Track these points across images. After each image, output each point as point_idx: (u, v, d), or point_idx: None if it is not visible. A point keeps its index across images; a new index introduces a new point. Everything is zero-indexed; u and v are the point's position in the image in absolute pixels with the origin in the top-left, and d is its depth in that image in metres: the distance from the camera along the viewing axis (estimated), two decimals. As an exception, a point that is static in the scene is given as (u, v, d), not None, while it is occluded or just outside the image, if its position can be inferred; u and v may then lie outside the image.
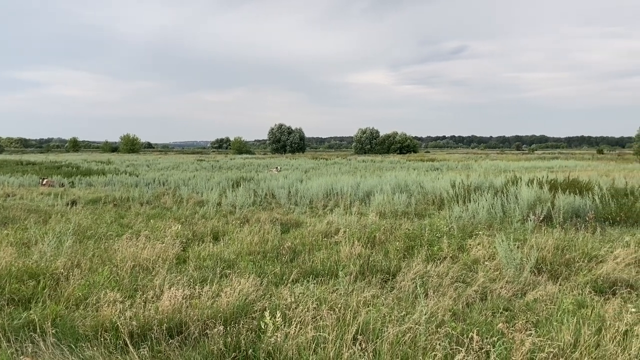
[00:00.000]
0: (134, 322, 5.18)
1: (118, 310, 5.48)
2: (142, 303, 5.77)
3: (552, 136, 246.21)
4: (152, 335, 4.99)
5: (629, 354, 4.21)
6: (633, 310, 5.28)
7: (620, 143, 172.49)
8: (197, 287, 6.38)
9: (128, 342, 4.76)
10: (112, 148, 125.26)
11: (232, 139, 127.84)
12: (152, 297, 6.04)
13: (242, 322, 5.19)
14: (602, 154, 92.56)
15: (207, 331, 5.07)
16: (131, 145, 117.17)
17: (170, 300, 5.61)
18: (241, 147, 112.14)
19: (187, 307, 5.58)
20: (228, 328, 5.06)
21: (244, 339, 4.82)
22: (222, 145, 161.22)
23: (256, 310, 5.58)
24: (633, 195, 13.60)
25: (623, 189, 14.51)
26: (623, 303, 5.76)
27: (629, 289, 6.52)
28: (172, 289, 5.99)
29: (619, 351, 4.26)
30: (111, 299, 5.83)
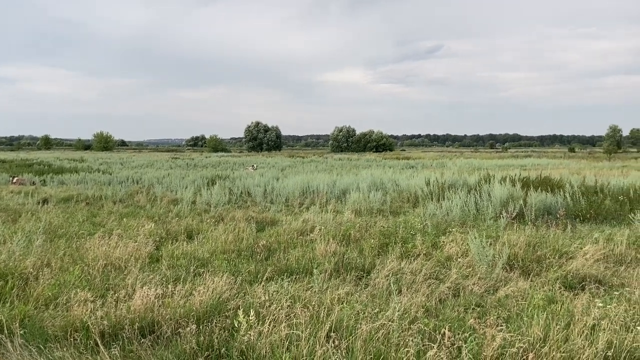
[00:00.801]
0: (105, 322, 5.12)
1: (89, 310, 5.41)
2: (114, 302, 5.70)
3: (526, 135, 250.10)
4: (124, 335, 4.93)
5: (596, 348, 4.30)
6: (600, 305, 5.39)
7: (591, 142, 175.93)
8: (170, 286, 6.32)
9: (99, 342, 4.69)
10: (85, 146, 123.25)
11: (207, 137, 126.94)
12: (124, 297, 5.97)
13: (215, 321, 5.16)
14: (574, 152, 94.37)
15: (180, 330, 5.02)
16: (105, 143, 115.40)
17: (142, 300, 5.55)
18: (217, 145, 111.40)
19: (159, 306, 5.52)
20: (201, 327, 5.03)
21: (216, 338, 4.79)
22: (197, 143, 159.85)
23: (230, 309, 5.55)
24: (602, 192, 13.89)
25: (593, 186, 14.81)
26: (591, 298, 5.87)
27: (597, 284, 6.66)
28: (144, 288, 5.92)
29: (586, 345, 4.34)
30: (82, 299, 5.75)
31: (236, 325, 4.90)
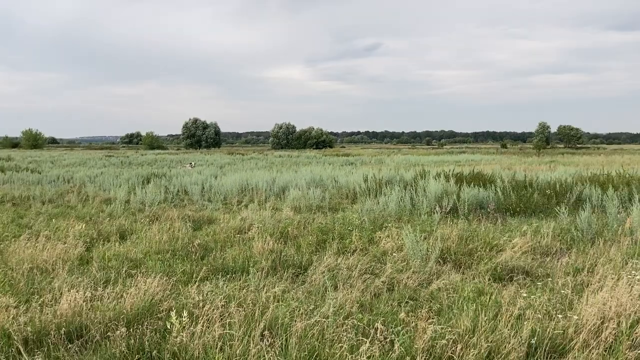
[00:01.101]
0: (29, 328, 4.88)
1: (11, 316, 5.14)
2: (39, 307, 5.44)
3: (460, 131, 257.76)
4: (50, 341, 4.72)
5: (521, 337, 4.48)
6: (525, 295, 5.63)
7: (521, 138, 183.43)
8: (100, 288, 6.12)
9: (22, 349, 4.48)
10: (13, 144, 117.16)
11: (144, 134, 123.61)
12: (50, 301, 5.72)
13: (146, 323, 5.03)
14: (506, 148, 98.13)
15: (109, 334, 4.86)
16: (34, 141, 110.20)
17: (69, 303, 5.33)
18: (153, 143, 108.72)
19: (88, 309, 5.33)
20: (131, 330, 4.88)
21: (148, 340, 4.68)
22: (133, 140, 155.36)
23: (162, 311, 5.42)
24: (531, 187, 14.49)
25: (523, 181, 15.42)
26: (518, 289, 6.11)
27: (524, 276, 6.93)
28: (72, 291, 5.69)
29: (512, 334, 4.52)
30: (3, 304, 5.46)
31: (168, 326, 4.80)
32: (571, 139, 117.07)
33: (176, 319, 4.73)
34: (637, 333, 4.58)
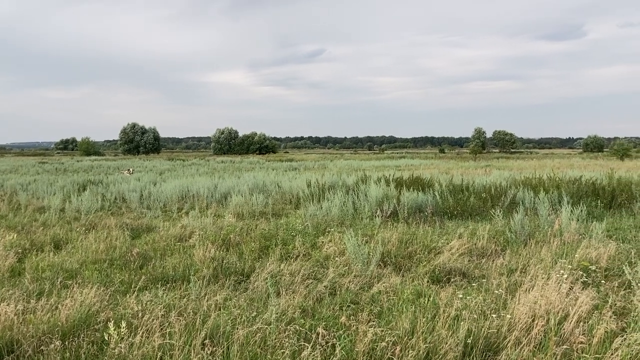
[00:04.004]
0: (-46, 346, 4.64)
1: None
2: (-35, 324, 5.17)
3: (400, 137, 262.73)
4: (-23, 359, 4.51)
5: (457, 337, 4.63)
6: (461, 296, 5.82)
7: (459, 143, 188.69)
8: (33, 300, 5.89)
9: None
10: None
11: (79, 139, 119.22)
12: (-22, 316, 5.45)
13: (83, 335, 4.88)
14: (444, 152, 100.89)
15: (43, 348, 4.68)
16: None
17: (-1, 318, 5.10)
18: (89, 148, 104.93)
19: (20, 323, 5.11)
20: (67, 342, 4.73)
21: (84, 353, 4.54)
22: (68, 146, 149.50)
23: (100, 322, 5.28)
24: (468, 190, 14.95)
25: (460, 185, 15.89)
26: (455, 290, 6.31)
27: (461, 277, 7.16)
28: (2, 304, 5.44)
29: (449, 335, 4.66)
30: None
31: (106, 338, 4.67)
32: (506, 143, 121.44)
33: (114, 329, 4.62)
34: (564, 329, 4.82)
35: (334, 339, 4.65)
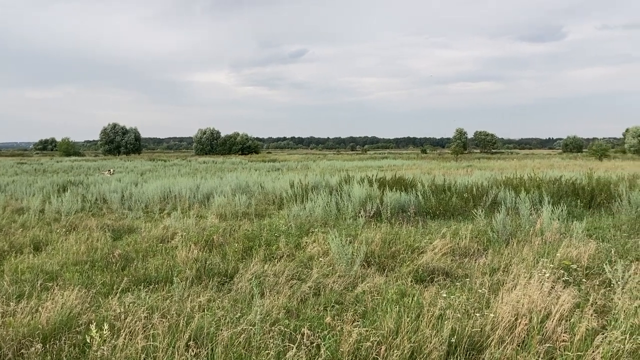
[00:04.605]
0: None
1: None
2: (-58, 328, 5.07)
3: (383, 137, 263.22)
4: (-45, 363, 4.42)
5: (441, 336, 4.65)
6: (445, 295, 5.85)
7: (440, 143, 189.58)
8: (12, 303, 5.78)
9: None
10: None
11: (59, 139, 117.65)
12: (-44, 320, 5.34)
13: (64, 338, 4.81)
14: (426, 153, 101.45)
15: (23, 351, 4.61)
16: None
17: (-23, 321, 5.01)
18: (69, 149, 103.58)
19: (-1, 326, 5.02)
20: (48, 346, 4.66)
21: (66, 356, 4.48)
22: (47, 146, 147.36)
23: (81, 324, 5.21)
24: (450, 190, 15.05)
25: (442, 185, 16.00)
26: (439, 290, 6.34)
27: (444, 277, 7.20)
28: (-20, 308, 5.35)
29: (433, 334, 4.69)
30: None
31: (88, 340, 4.61)
32: (487, 144, 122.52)
33: (96, 332, 4.56)
34: (547, 328, 4.87)
35: (319, 340, 4.65)
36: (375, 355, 4.41)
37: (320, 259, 8.06)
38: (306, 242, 9.19)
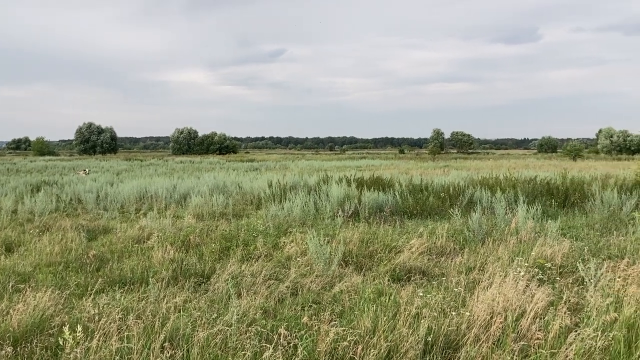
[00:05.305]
0: None
1: None
2: None
3: (361, 137, 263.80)
4: None
5: (418, 335, 4.67)
6: (421, 294, 5.89)
7: (418, 143, 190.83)
8: (-18, 306, 5.66)
9: None
10: None
11: (32, 138, 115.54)
12: None
13: (36, 341, 4.72)
14: (403, 153, 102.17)
15: (-7, 355, 4.51)
16: None
17: (-55, 325, 4.89)
18: (43, 148, 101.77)
19: (-32, 330, 4.90)
20: (19, 349, 4.57)
21: (37, 359, 4.38)
22: (20, 146, 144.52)
23: (54, 326, 5.12)
24: (427, 190, 15.16)
25: (419, 185, 16.10)
26: (415, 289, 6.38)
27: (421, 275, 7.25)
28: (-51, 311, 5.22)
29: (410, 333, 4.71)
30: None
31: (61, 343, 4.52)
32: (463, 144, 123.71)
33: (69, 334, 4.47)
34: (521, 326, 4.93)
35: (296, 339, 4.64)
36: (352, 354, 4.41)
37: (298, 258, 8.05)
38: (284, 242, 9.17)
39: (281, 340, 4.52)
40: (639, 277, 6.04)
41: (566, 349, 4.45)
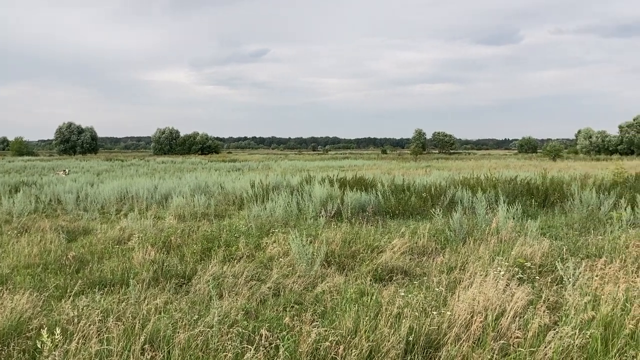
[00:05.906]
0: None
1: None
2: None
3: (344, 137, 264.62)
4: None
5: (399, 334, 4.69)
6: (403, 294, 5.92)
7: (400, 144, 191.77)
8: (-42, 310, 5.55)
9: None
10: None
11: (11, 138, 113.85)
12: None
13: (13, 344, 4.65)
14: (386, 153, 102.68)
15: (-31, 359, 4.44)
16: None
17: None
18: (22, 148, 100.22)
19: (-57, 333, 4.82)
20: (-5, 353, 4.49)
21: (15, 363, 4.32)
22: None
23: (32, 329, 5.05)
24: (409, 190, 15.23)
25: (401, 185, 16.17)
26: (397, 288, 6.40)
27: (403, 275, 7.28)
28: None
29: (391, 333, 4.73)
30: None
31: (39, 346, 4.46)
32: (445, 144, 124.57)
33: (48, 337, 4.41)
34: (501, 325, 4.98)
35: (278, 340, 4.63)
36: (334, 355, 4.42)
37: (280, 259, 8.04)
38: (266, 243, 9.15)
39: (263, 341, 4.51)
40: (616, 276, 6.13)
41: (545, 347, 4.50)
